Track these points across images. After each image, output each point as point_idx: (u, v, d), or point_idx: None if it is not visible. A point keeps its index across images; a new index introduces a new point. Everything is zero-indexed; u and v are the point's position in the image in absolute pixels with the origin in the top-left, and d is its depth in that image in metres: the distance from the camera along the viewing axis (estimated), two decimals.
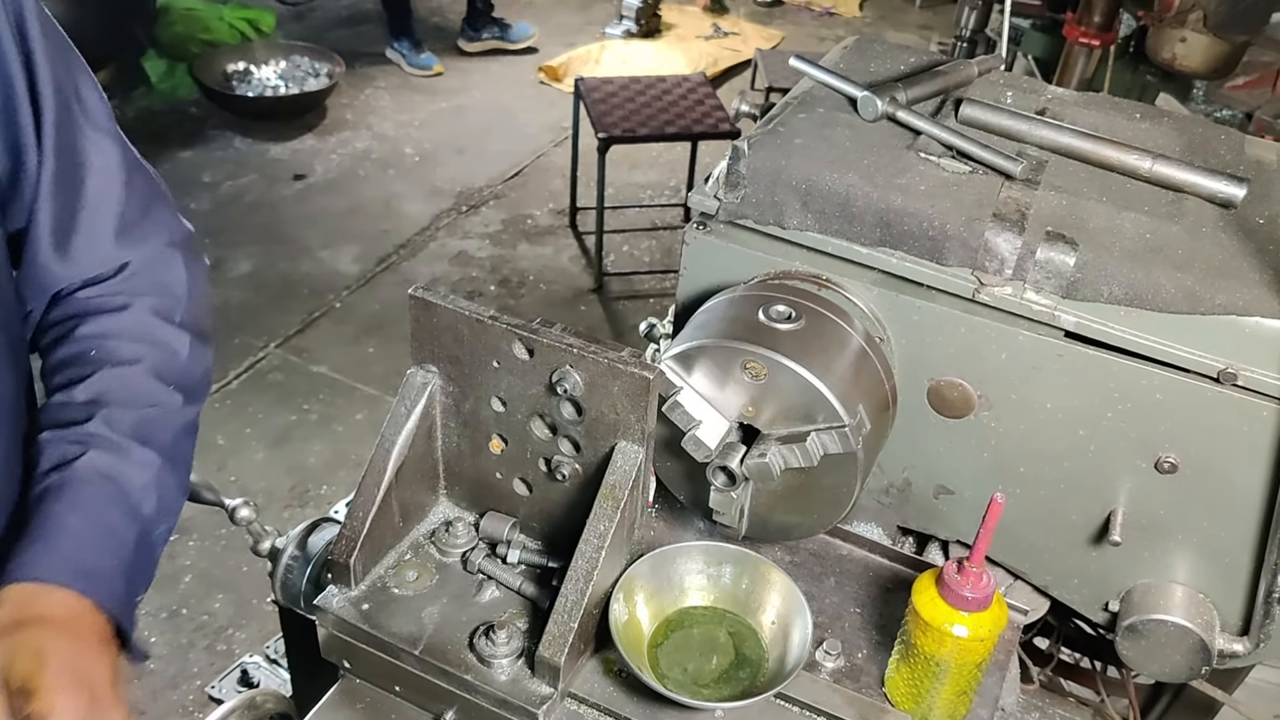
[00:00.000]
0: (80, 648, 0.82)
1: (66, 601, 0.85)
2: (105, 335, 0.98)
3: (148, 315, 1.01)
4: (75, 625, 0.84)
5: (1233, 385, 1.00)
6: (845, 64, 1.34)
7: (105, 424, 0.94)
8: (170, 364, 1.01)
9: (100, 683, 0.81)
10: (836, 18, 6.59)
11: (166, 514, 0.97)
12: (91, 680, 0.80)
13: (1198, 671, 1.15)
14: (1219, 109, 3.70)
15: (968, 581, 1.00)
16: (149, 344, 1.00)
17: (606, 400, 1.02)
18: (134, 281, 1.01)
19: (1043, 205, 1.08)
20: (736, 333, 1.03)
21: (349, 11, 5.99)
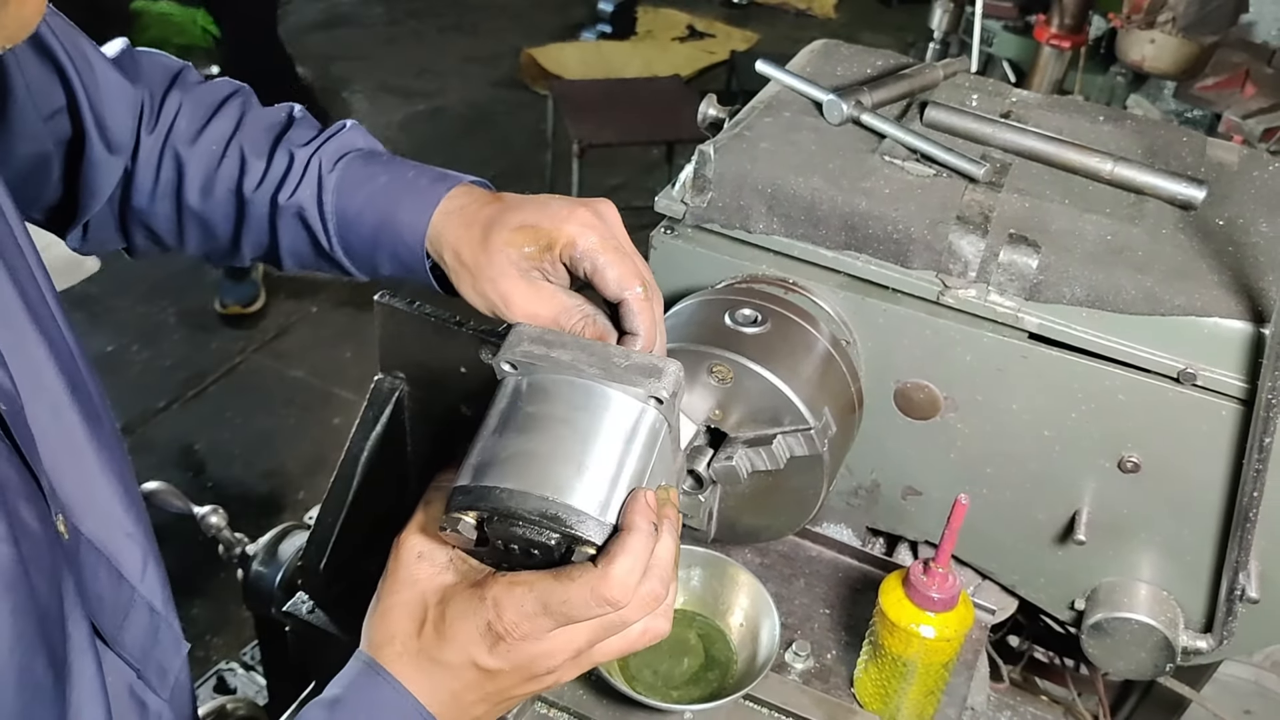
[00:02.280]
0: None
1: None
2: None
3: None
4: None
5: (1192, 385, 1.02)
6: (812, 67, 1.35)
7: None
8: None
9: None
10: (812, 19, 6.62)
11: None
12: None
13: (1162, 669, 1.16)
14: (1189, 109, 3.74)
15: (933, 582, 1.01)
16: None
17: None
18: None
19: (1006, 208, 1.09)
20: (703, 336, 1.04)
21: (324, 15, 5.98)
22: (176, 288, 3.77)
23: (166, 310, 3.68)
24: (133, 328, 3.56)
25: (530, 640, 0.70)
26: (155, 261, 3.86)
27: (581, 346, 0.76)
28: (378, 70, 5.38)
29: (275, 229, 0.96)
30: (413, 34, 5.90)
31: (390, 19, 6.04)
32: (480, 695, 0.72)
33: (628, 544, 0.69)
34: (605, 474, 0.72)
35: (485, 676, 0.71)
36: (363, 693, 0.71)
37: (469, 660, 0.70)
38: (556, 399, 0.74)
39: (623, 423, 0.74)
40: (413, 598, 0.73)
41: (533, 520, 0.70)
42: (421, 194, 0.91)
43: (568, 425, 0.73)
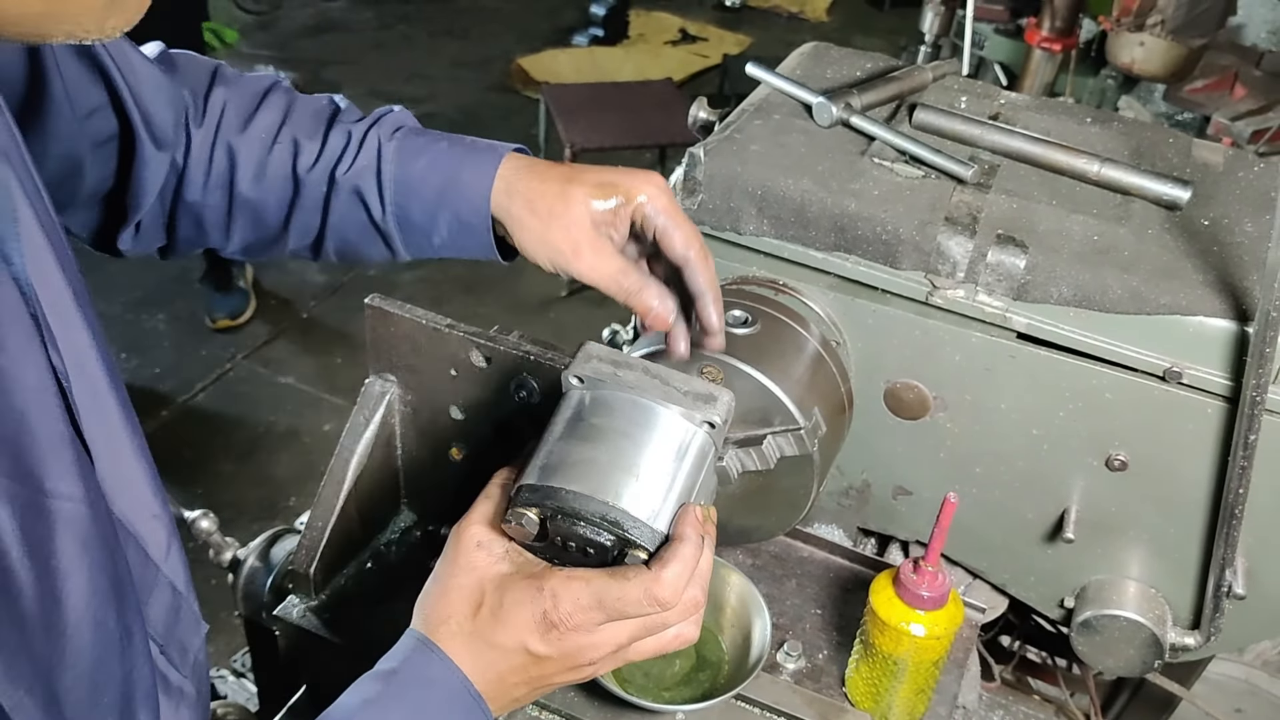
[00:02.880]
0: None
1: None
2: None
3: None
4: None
5: (1178, 383, 1.02)
6: (802, 70, 1.36)
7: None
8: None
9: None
10: (804, 22, 6.64)
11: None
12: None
13: (1150, 665, 1.17)
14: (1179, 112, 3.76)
15: (923, 580, 1.01)
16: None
17: None
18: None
19: (994, 209, 1.10)
20: (693, 337, 1.04)
21: (314, 21, 5.98)
22: (166, 296, 3.76)
23: (156, 318, 3.67)
24: (122, 335, 3.56)
25: (581, 631, 0.75)
26: (145, 269, 3.85)
27: (644, 369, 0.83)
28: (368, 75, 5.38)
29: (328, 207, 1.00)
30: (403, 39, 5.90)
31: (381, 24, 6.04)
32: (524, 678, 0.77)
33: (680, 551, 0.76)
34: (659, 486, 0.79)
35: (532, 661, 0.76)
36: (416, 667, 0.76)
37: (521, 645, 0.75)
38: (619, 415, 0.81)
39: (677, 442, 0.81)
40: (470, 582, 0.77)
41: (594, 522, 0.76)
42: (483, 155, 0.96)
43: (629, 439, 0.80)
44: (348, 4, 6.22)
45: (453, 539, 0.80)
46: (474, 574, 0.78)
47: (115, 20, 0.58)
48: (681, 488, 0.80)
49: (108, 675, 0.64)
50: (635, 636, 0.77)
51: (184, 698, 0.77)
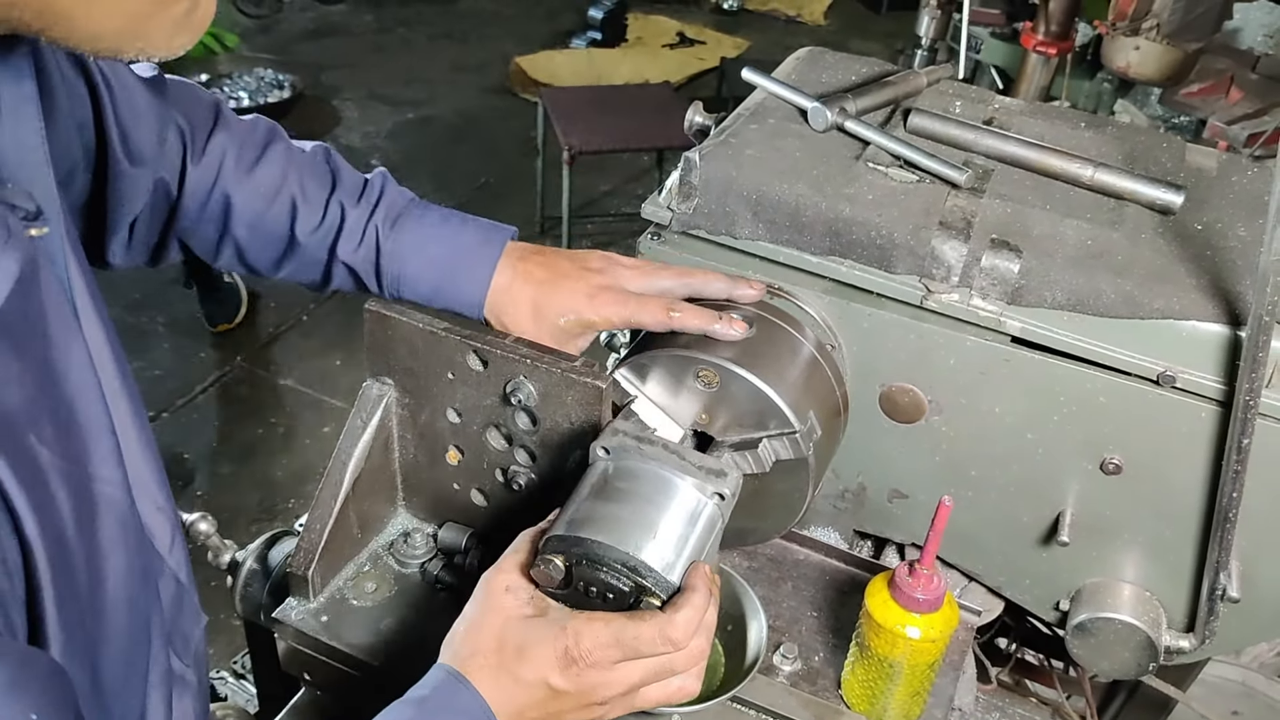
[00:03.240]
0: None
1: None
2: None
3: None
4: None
5: (1172, 387, 1.03)
6: (797, 74, 1.36)
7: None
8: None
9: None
10: (802, 25, 6.65)
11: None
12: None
13: (1146, 668, 1.17)
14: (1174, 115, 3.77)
15: (919, 583, 1.02)
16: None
17: (561, 410, 1.03)
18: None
19: (988, 213, 1.11)
20: (689, 341, 1.05)
21: (314, 24, 5.99)
22: (165, 298, 3.77)
23: (155, 320, 3.68)
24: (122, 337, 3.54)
25: (598, 668, 0.81)
26: (143, 272, 3.85)
27: (664, 445, 0.94)
28: (367, 78, 5.39)
29: (328, 272, 1.14)
30: (402, 42, 5.91)
31: (380, 27, 6.06)
32: (542, 713, 0.83)
33: (691, 599, 0.84)
34: (674, 545, 0.88)
35: (551, 696, 0.82)
36: (445, 695, 0.81)
37: (542, 679, 0.82)
38: (641, 482, 0.92)
39: (690, 509, 0.91)
40: (498, 622, 0.84)
41: (615, 569, 0.85)
42: (477, 258, 1.12)
43: (649, 503, 0.90)
44: (348, 8, 6.23)
45: (483, 584, 0.87)
46: (502, 614, 0.84)
47: (182, 39, 0.61)
48: (692, 549, 0.89)
49: (138, 655, 0.68)
50: (645, 680, 0.84)
51: (187, 686, 0.81)
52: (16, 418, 0.58)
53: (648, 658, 0.83)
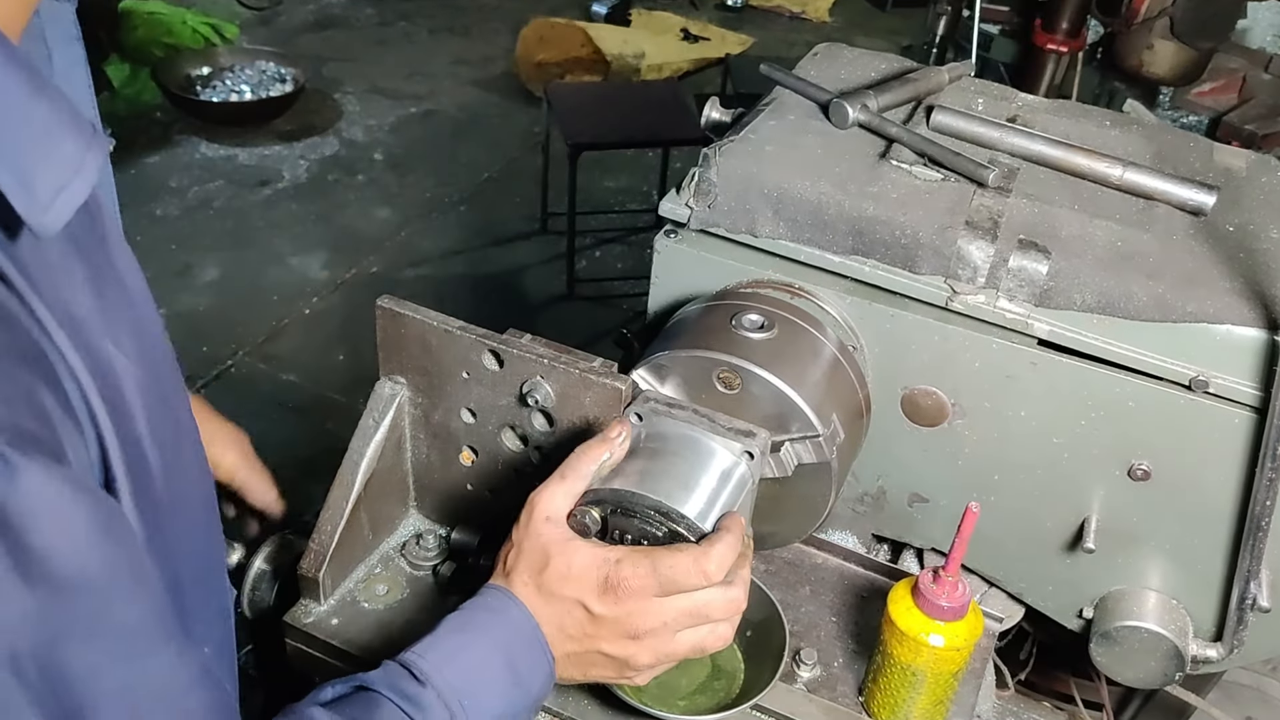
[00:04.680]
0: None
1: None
2: None
3: None
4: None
5: (1204, 393, 1.01)
6: (816, 70, 1.34)
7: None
8: None
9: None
10: (806, 22, 6.62)
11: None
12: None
13: (1171, 677, 1.15)
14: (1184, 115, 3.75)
15: (943, 591, 1.00)
16: None
17: (578, 411, 1.01)
18: None
19: (1015, 213, 1.08)
20: (709, 342, 1.03)
21: (315, 16, 5.95)
22: (169, 290, 3.74)
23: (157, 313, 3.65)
24: None
25: (635, 597, 0.83)
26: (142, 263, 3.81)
27: (694, 410, 0.95)
28: (369, 72, 5.35)
29: None
30: (404, 35, 5.87)
31: (381, 20, 6.01)
32: (579, 633, 0.85)
33: (724, 536, 0.86)
34: (705, 495, 0.90)
35: (589, 619, 0.84)
36: (497, 609, 0.84)
37: (580, 601, 0.83)
38: (673, 441, 0.93)
39: (721, 467, 0.92)
40: (539, 546, 0.85)
41: (649, 516, 0.87)
42: None
43: (680, 459, 0.92)
44: (349, 0, 6.19)
45: (528, 507, 0.88)
46: (541, 539, 0.85)
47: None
48: (724, 503, 0.90)
49: (214, 583, 0.74)
50: (680, 620, 0.84)
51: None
52: (90, 323, 0.60)
53: (684, 593, 0.84)
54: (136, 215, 4.10)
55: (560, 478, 0.88)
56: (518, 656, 0.83)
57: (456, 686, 0.78)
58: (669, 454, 0.92)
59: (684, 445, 0.93)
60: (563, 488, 0.87)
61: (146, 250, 3.92)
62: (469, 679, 0.80)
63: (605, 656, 0.86)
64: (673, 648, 0.86)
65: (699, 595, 0.84)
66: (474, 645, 0.82)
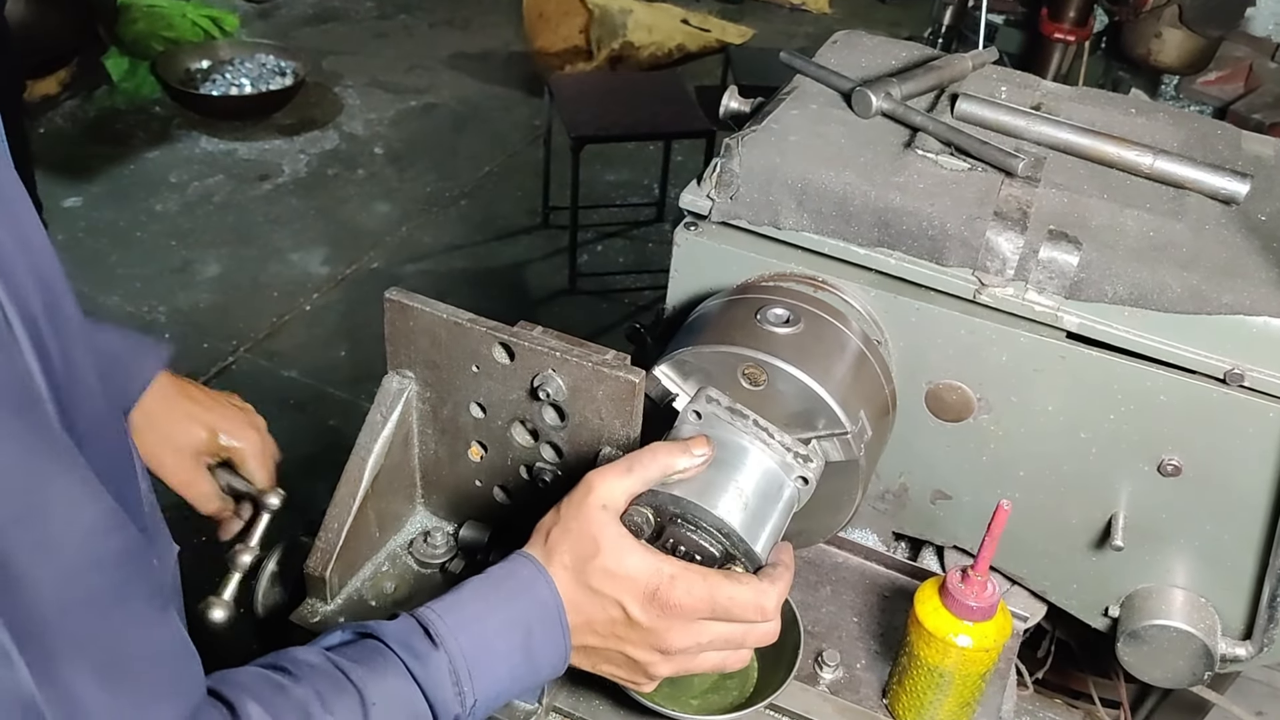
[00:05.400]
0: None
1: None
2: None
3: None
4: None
5: (1239, 386, 0.98)
6: (836, 59, 1.31)
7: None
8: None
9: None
10: (806, 14, 6.58)
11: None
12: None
13: (1200, 677, 1.13)
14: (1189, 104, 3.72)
15: (972, 590, 0.97)
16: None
17: (590, 405, 0.99)
18: None
19: (1044, 203, 1.06)
20: (733, 337, 1.00)
21: (315, 9, 5.91)
22: (166, 288, 3.71)
23: (156, 309, 3.62)
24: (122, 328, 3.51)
25: (680, 618, 0.81)
26: (144, 261, 3.80)
27: (755, 420, 0.93)
28: (369, 65, 5.31)
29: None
30: (404, 29, 5.84)
31: (381, 13, 5.98)
32: (607, 633, 0.83)
33: (784, 575, 0.86)
34: (761, 521, 0.90)
35: (623, 622, 0.82)
36: (525, 581, 0.81)
37: (619, 603, 0.81)
38: (732, 452, 0.92)
39: (776, 487, 0.92)
40: (589, 532, 0.82)
41: (710, 532, 0.86)
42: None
43: (740, 474, 0.91)
44: None
45: (584, 485, 0.84)
46: (593, 526, 0.82)
47: None
48: (773, 527, 0.91)
49: (126, 485, 0.69)
50: (715, 643, 0.83)
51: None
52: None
53: (729, 622, 0.83)
54: (136, 210, 4.07)
55: (626, 470, 0.84)
56: (536, 636, 0.80)
57: (469, 654, 0.77)
58: (729, 467, 0.90)
59: (744, 461, 0.91)
60: (625, 481, 0.84)
61: (146, 246, 3.89)
62: (483, 649, 0.78)
63: (626, 658, 0.85)
64: (695, 665, 0.85)
65: (745, 627, 0.83)
66: (495, 615, 0.79)
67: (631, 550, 0.82)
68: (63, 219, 3.91)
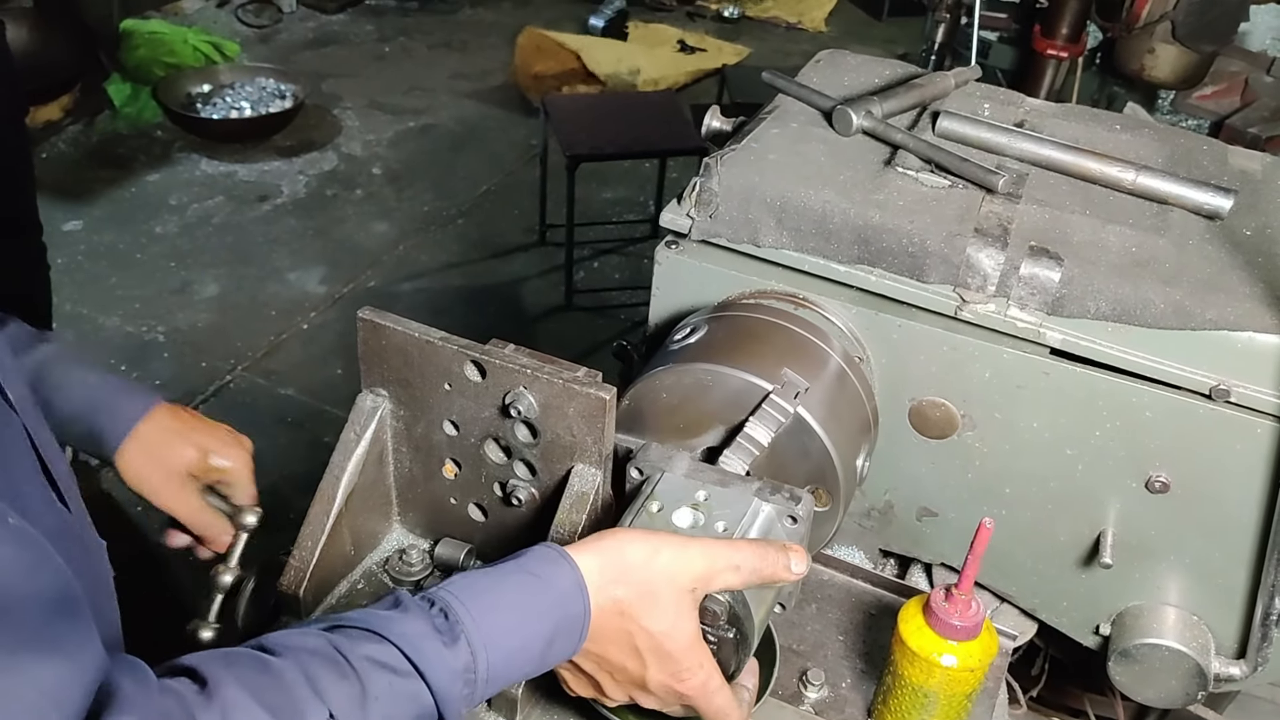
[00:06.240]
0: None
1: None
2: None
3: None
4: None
5: (1225, 402, 0.97)
6: (819, 77, 1.31)
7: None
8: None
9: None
10: (803, 32, 6.61)
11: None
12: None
13: (1194, 696, 1.11)
14: (1185, 119, 3.72)
15: (956, 609, 0.96)
16: None
17: (562, 422, 0.98)
18: None
19: (1025, 219, 1.05)
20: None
21: (315, 33, 5.94)
22: (165, 308, 3.71)
23: (155, 329, 3.62)
24: (122, 348, 3.50)
25: (675, 695, 0.84)
26: (144, 282, 3.80)
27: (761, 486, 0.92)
28: (368, 87, 5.34)
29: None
30: (403, 51, 5.86)
31: (380, 37, 6.01)
32: (608, 669, 0.84)
33: (748, 702, 0.91)
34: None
35: (631, 672, 0.83)
36: (563, 595, 0.79)
37: (646, 664, 0.82)
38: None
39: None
40: (663, 600, 0.81)
41: (750, 644, 0.89)
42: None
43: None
44: (348, 17, 6.18)
45: (695, 553, 0.83)
46: (672, 600, 0.81)
47: None
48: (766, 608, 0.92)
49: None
50: (663, 698, 0.86)
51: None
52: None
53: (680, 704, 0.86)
54: (136, 233, 4.08)
55: (734, 567, 0.83)
56: (555, 647, 0.80)
57: (494, 665, 0.76)
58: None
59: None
60: (721, 575, 0.83)
61: (146, 268, 3.90)
62: (506, 659, 0.77)
63: (597, 686, 0.86)
64: (642, 702, 0.87)
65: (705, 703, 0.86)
66: (528, 627, 0.78)
67: (691, 641, 0.82)
68: (63, 242, 3.92)
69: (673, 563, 0.81)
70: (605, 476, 1.01)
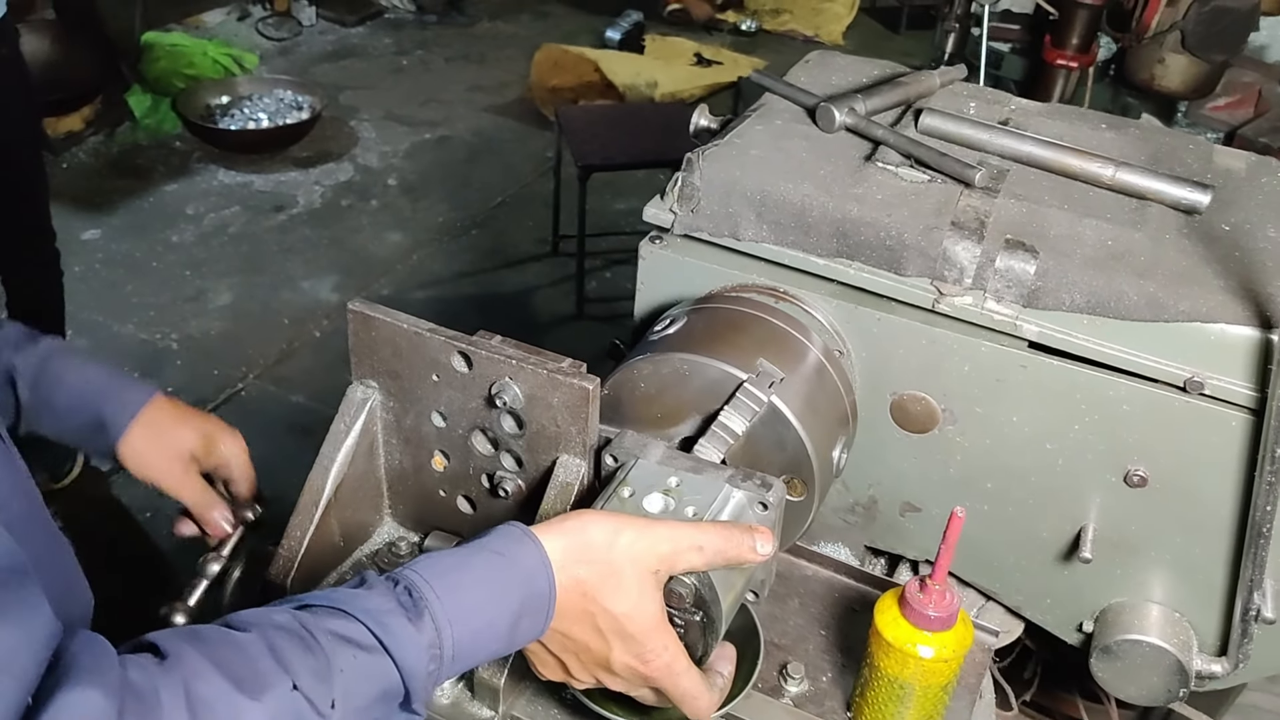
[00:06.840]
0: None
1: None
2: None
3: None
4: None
5: (1200, 394, 0.97)
6: (807, 77, 1.32)
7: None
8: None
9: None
10: (820, 45, 6.62)
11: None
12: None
13: (1176, 694, 1.11)
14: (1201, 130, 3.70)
15: (930, 600, 0.96)
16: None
17: (547, 413, 0.99)
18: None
19: (1002, 213, 1.06)
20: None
21: (334, 46, 6.01)
22: (179, 316, 3.75)
23: (169, 336, 3.66)
24: (135, 354, 3.55)
25: (640, 675, 0.84)
26: (158, 289, 3.85)
27: (733, 474, 0.93)
28: (385, 99, 5.39)
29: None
30: (420, 64, 5.92)
31: (399, 49, 6.07)
32: (574, 648, 0.84)
33: (720, 689, 0.91)
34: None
35: (596, 652, 0.83)
36: (528, 573, 0.79)
37: (610, 644, 0.82)
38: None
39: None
40: (625, 582, 0.81)
41: (718, 629, 0.89)
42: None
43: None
44: (367, 30, 6.25)
45: (658, 535, 0.83)
46: (635, 581, 0.82)
47: None
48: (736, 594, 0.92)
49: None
50: (627, 678, 0.86)
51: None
52: None
53: (648, 687, 0.86)
54: (153, 242, 4.13)
55: (697, 548, 0.83)
56: (522, 627, 0.80)
57: (459, 643, 0.76)
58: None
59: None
60: (684, 555, 0.83)
61: (161, 276, 3.95)
62: (472, 638, 0.77)
63: (564, 667, 0.86)
64: (609, 684, 0.87)
65: (671, 685, 0.85)
66: (494, 606, 0.78)
67: (655, 622, 0.82)
68: (81, 251, 3.97)
69: (635, 543, 0.82)
70: (589, 467, 1.01)
